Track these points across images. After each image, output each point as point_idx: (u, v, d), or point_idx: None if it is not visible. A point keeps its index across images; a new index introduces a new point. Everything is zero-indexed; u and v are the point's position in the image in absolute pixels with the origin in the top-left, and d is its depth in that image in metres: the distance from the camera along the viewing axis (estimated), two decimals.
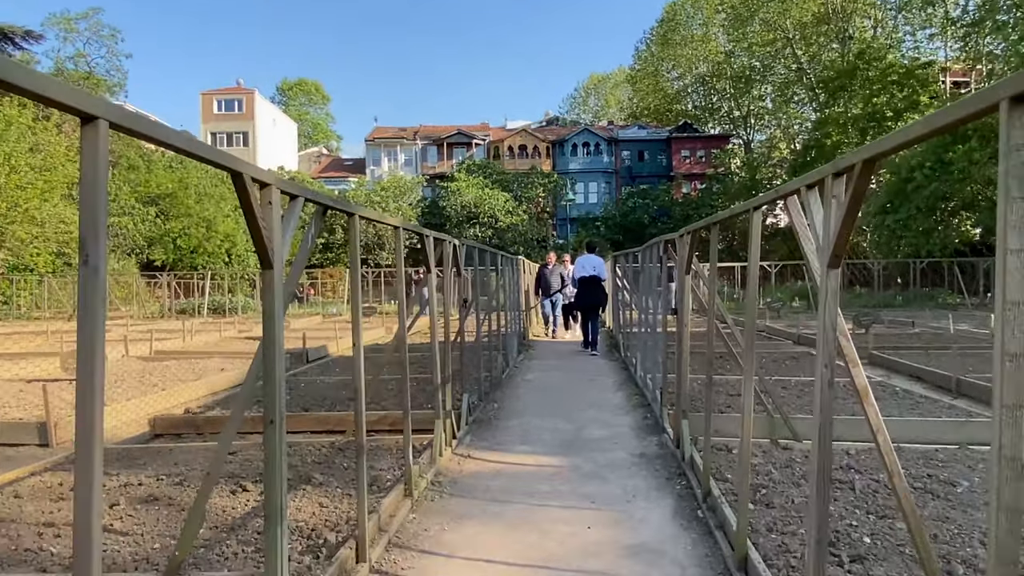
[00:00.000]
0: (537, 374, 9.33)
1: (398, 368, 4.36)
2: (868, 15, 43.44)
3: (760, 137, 54.07)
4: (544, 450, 5.19)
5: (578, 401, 7.20)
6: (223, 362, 10.10)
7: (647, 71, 59.17)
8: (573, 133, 55.11)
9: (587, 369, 9.81)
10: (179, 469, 4.38)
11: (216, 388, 8.16)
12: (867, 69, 34.54)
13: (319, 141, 79.12)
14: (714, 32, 53.96)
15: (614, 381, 8.56)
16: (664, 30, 55.89)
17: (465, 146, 55.07)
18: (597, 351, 11.42)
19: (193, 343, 13.10)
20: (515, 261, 11.71)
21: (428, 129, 57.90)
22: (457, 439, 5.24)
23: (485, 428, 5.92)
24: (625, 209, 47.39)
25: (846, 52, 40.58)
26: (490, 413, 6.51)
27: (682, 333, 4.62)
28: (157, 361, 10.42)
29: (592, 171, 53.55)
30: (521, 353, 11.45)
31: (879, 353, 9.96)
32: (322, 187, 50.53)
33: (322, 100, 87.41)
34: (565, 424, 6.06)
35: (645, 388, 7.34)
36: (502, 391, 7.85)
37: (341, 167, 61.49)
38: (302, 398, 6.93)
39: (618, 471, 4.57)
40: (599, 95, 78.48)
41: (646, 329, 7.83)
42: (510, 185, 47.80)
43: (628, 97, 68.49)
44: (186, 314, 23.08)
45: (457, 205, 45.03)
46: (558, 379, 8.87)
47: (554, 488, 4.22)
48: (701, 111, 57.45)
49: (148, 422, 5.74)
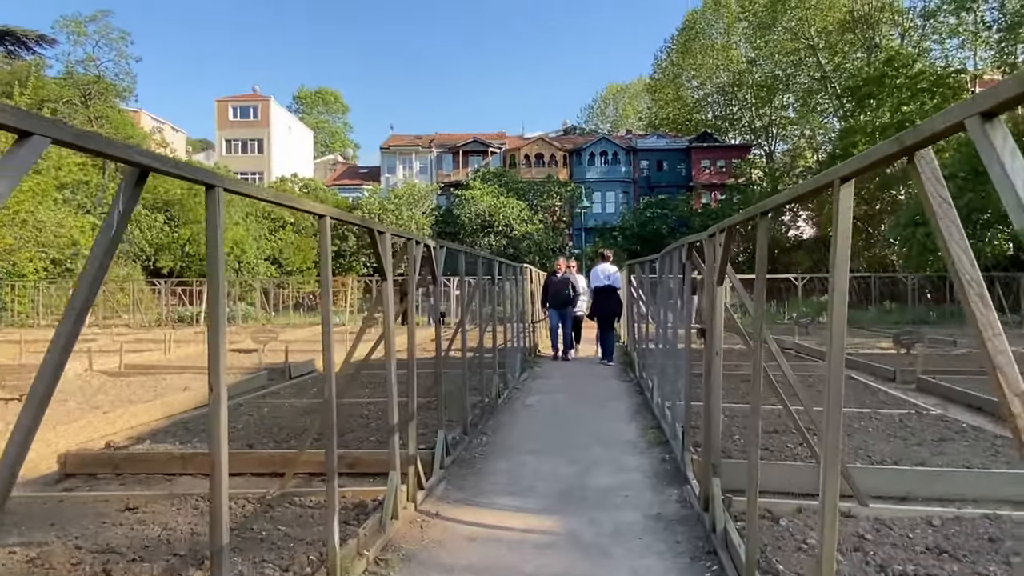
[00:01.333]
0: (540, 397, 8.25)
1: (380, 389, 3.33)
2: (896, 23, 42.16)
3: (782, 147, 52.84)
4: (536, 505, 4.13)
5: (584, 433, 6.12)
6: (193, 378, 9.13)
7: (667, 80, 58.08)
8: (591, 142, 54.10)
9: (597, 392, 8.71)
10: (51, 535, 3.36)
11: (173, 410, 7.16)
12: (896, 76, 33.25)
13: (336, 149, 78.71)
14: (735, 41, 52.84)
15: (627, 407, 7.46)
16: (684, 39, 54.84)
17: (481, 154, 54.28)
18: (612, 361, 11.59)
19: (173, 355, 12.14)
20: (518, 269, 10.63)
21: (443, 137, 57.13)
22: (426, 489, 4.17)
23: (466, 471, 4.86)
24: (643, 219, 46.18)
25: (872, 60, 39.29)
26: (475, 450, 5.44)
27: (712, 363, 3.55)
28: (123, 377, 9.47)
29: (610, 180, 52.47)
30: (525, 371, 10.37)
31: (928, 378, 8.78)
32: (335, 195, 49.93)
33: (341, 109, 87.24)
34: (566, 466, 4.98)
35: (663, 419, 6.25)
36: (496, 419, 6.78)
37: (356, 175, 60.92)
38: (259, 427, 5.91)
39: (627, 543, 3.49)
40: (617, 105, 77.55)
41: (662, 345, 6.74)
42: (526, 194, 46.87)
43: (647, 107, 67.44)
44: (184, 323, 22.21)
45: (472, 213, 44.14)
46: (563, 404, 7.79)
47: (541, 572, 3.15)
48: (721, 120, 56.23)
49: (57, 459, 4.73)
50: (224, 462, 1.98)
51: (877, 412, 6.48)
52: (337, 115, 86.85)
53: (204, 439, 5.49)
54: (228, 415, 1.94)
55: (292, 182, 47.93)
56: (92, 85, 37.21)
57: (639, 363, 9.64)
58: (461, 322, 5.72)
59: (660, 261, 6.87)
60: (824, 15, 42.99)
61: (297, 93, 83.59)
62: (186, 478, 4.65)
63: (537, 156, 53.02)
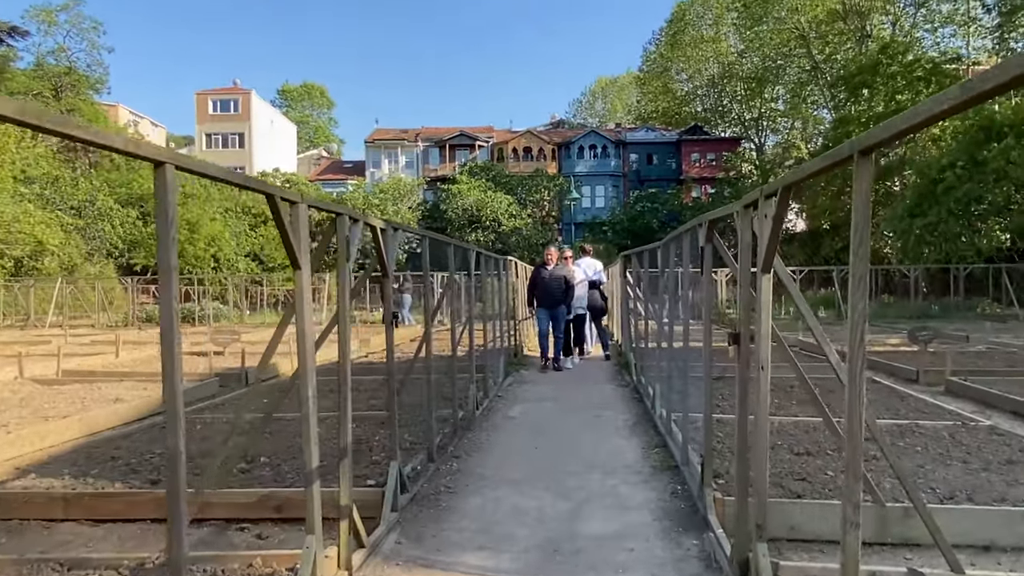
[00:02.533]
0: (525, 407, 7.24)
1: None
2: (887, 11, 41.39)
3: (772, 140, 52.06)
4: (515, 565, 3.13)
5: (575, 455, 5.12)
6: (134, 387, 8.07)
7: (655, 73, 57.17)
8: (579, 135, 53.16)
9: (590, 399, 7.71)
10: None
11: (96, 427, 6.11)
12: (890, 64, 32.42)
13: (321, 144, 77.26)
14: (725, 32, 51.99)
15: (625, 420, 6.47)
16: (673, 30, 53.93)
17: (468, 148, 53.20)
18: (609, 356, 11.24)
19: (123, 359, 11.05)
20: (502, 262, 9.60)
21: (430, 131, 55.98)
22: (369, 546, 3.15)
23: (428, 512, 3.85)
24: (633, 213, 45.34)
25: (864, 51, 38.51)
26: (442, 481, 4.43)
27: (751, 382, 2.57)
28: (58, 385, 8.40)
29: (599, 174, 51.55)
30: (509, 376, 9.36)
31: (959, 380, 7.84)
32: (318, 189, 48.71)
33: (326, 104, 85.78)
34: (552, 503, 3.99)
35: (668, 435, 5.27)
36: (471, 436, 5.77)
37: (340, 170, 59.65)
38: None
39: None
40: (606, 99, 76.60)
41: (664, 344, 5.77)
42: (514, 188, 45.89)
43: (636, 100, 66.50)
44: (154, 322, 21.08)
45: (459, 208, 43.14)
46: (551, 415, 6.78)
47: None
48: (711, 113, 55.41)
49: None
50: None
51: (918, 425, 5.53)
52: (322, 110, 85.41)
53: (108, 470, 4.47)
54: (144, 437, 0.97)
55: (274, 176, 46.63)
56: (63, 77, 35.88)
57: (636, 365, 8.66)
58: (426, 323, 4.71)
59: (663, 249, 5.88)
60: (815, 4, 42.15)
61: (281, 88, 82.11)
62: (68, 525, 3.63)
63: (525, 150, 52.01)
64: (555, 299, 9.97)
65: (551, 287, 9.99)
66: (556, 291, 9.97)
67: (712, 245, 3.46)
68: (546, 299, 10.02)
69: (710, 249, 3.47)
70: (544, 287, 10.06)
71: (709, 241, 3.47)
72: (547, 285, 10.03)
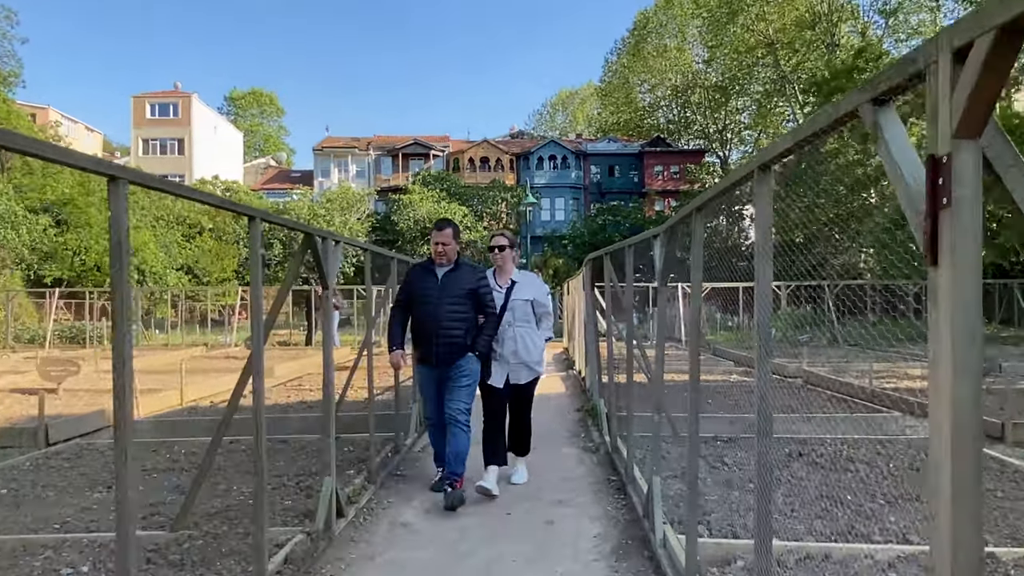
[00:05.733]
0: (432, 503, 4.50)
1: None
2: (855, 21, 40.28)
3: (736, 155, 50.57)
4: None
5: None
6: None
7: (617, 84, 55.45)
8: (539, 146, 50.91)
9: (541, 488, 4.81)
10: None
11: None
12: (865, 69, 30.93)
13: (271, 153, 73.76)
14: (689, 42, 50.50)
15: (600, 532, 3.85)
16: (635, 40, 52.27)
17: (423, 157, 50.59)
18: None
19: None
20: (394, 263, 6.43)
21: (383, 139, 53.22)
22: None
23: None
24: (594, 227, 43.08)
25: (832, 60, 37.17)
26: None
27: None
28: None
29: (559, 186, 49.33)
30: (420, 437, 6.43)
31: None
32: (260, 198, 45.59)
33: (276, 112, 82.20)
34: None
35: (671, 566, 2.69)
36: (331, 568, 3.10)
37: (287, 179, 56.38)
38: None
39: None
40: (567, 111, 74.72)
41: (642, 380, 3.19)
42: (470, 200, 43.38)
43: (597, 112, 64.75)
44: (76, 341, 18.05)
45: (411, 220, 40.46)
46: (474, 528, 4.12)
47: None
48: (674, 125, 53.87)
49: None
50: None
51: None
52: (272, 118, 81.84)
53: None
54: None
55: (213, 184, 43.34)
56: None
57: (612, 416, 5.98)
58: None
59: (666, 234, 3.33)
60: (782, 13, 40.78)
61: (229, 94, 78.43)
62: None
63: (483, 160, 49.59)
64: (449, 341, 4.63)
65: (439, 311, 4.64)
66: (451, 320, 4.64)
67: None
68: (428, 338, 4.70)
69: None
70: (424, 309, 4.72)
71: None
72: (430, 305, 4.68)
